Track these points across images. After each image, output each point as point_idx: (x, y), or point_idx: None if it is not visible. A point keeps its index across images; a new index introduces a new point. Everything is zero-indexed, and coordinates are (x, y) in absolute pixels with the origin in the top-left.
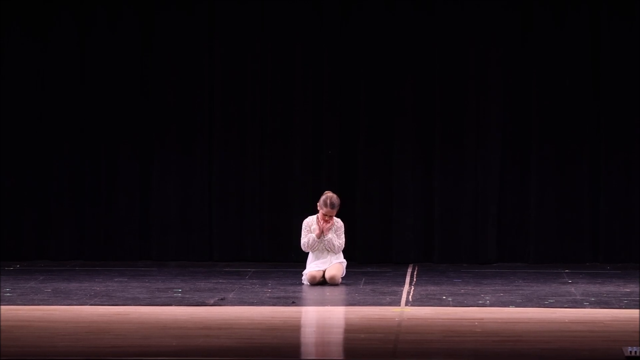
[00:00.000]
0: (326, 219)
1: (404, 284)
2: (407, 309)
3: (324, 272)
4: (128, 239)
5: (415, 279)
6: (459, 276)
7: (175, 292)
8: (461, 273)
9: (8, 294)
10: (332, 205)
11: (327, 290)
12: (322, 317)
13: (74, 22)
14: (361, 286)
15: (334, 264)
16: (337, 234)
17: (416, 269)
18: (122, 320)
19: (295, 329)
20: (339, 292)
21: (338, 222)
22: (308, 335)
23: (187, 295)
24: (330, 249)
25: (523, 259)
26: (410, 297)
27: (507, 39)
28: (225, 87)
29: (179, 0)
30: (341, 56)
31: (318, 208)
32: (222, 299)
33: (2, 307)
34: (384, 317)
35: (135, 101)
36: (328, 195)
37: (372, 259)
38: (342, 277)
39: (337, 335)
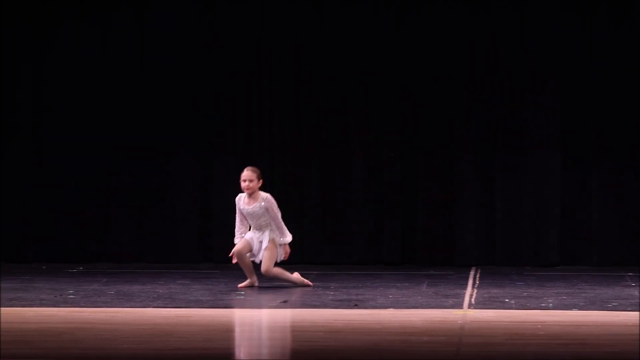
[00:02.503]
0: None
1: (467, 287)
2: (470, 311)
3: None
4: (189, 241)
5: (477, 282)
6: (522, 279)
7: (238, 295)
8: (524, 276)
9: (72, 296)
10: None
11: (390, 293)
12: (384, 319)
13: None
14: (424, 289)
15: (265, 251)
16: (270, 216)
17: (479, 271)
18: (184, 322)
19: (357, 331)
20: (401, 294)
21: (266, 199)
22: (369, 338)
23: (250, 298)
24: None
25: (585, 262)
26: (473, 299)
27: (565, 40)
28: (284, 89)
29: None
30: (399, 58)
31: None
32: (284, 302)
33: (65, 308)
34: (447, 320)
35: (196, 103)
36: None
37: (434, 262)
38: (279, 260)
39: (399, 338)
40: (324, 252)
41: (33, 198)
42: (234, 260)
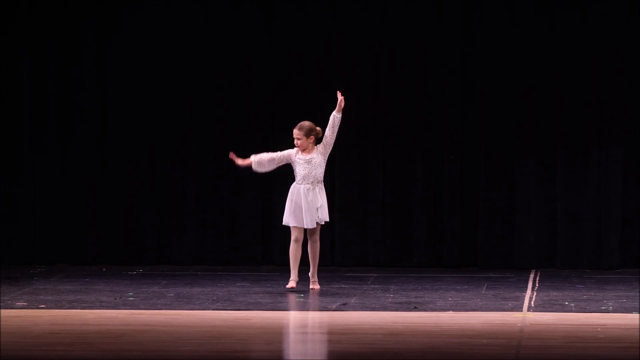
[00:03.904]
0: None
1: (527, 290)
2: (530, 314)
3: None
4: (249, 243)
5: (537, 285)
6: (582, 282)
7: (298, 298)
8: (584, 279)
9: (131, 298)
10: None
11: (449, 296)
12: (443, 322)
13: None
14: (483, 291)
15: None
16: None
17: (538, 274)
18: (244, 325)
19: (417, 334)
20: (461, 297)
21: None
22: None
23: (309, 300)
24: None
25: None
26: (532, 302)
27: (629, 46)
28: (346, 91)
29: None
30: (462, 62)
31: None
32: (344, 304)
33: (125, 310)
34: (506, 323)
35: (258, 105)
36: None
37: (494, 265)
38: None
39: (458, 340)
40: (384, 254)
41: (94, 200)
42: (234, 158)
